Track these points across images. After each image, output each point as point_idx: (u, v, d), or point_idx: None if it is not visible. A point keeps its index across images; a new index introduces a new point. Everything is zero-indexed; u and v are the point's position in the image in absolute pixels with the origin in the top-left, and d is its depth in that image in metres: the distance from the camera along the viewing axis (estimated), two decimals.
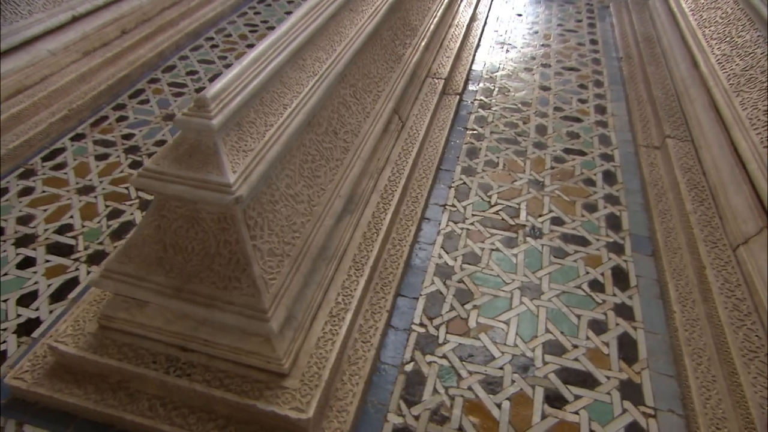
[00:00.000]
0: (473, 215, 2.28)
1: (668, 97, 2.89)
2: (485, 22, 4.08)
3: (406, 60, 2.59)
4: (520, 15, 4.31)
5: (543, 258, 2.08)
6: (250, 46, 3.68)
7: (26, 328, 1.75)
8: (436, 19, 3.12)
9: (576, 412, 1.56)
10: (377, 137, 2.11)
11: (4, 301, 1.83)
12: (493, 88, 3.26)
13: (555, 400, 1.59)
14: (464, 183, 2.47)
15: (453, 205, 2.34)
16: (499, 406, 1.57)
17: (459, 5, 3.86)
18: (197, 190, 1.29)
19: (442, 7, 3.29)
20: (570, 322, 1.83)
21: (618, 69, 3.50)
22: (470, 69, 3.41)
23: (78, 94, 2.87)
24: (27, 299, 1.84)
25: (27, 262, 1.98)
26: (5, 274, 1.92)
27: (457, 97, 3.03)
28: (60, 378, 1.51)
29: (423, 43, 2.83)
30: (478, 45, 3.73)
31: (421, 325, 1.81)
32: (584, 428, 1.52)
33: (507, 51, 3.73)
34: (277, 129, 1.49)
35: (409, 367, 1.67)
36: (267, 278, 1.38)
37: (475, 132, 2.85)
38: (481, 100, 3.14)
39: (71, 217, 2.20)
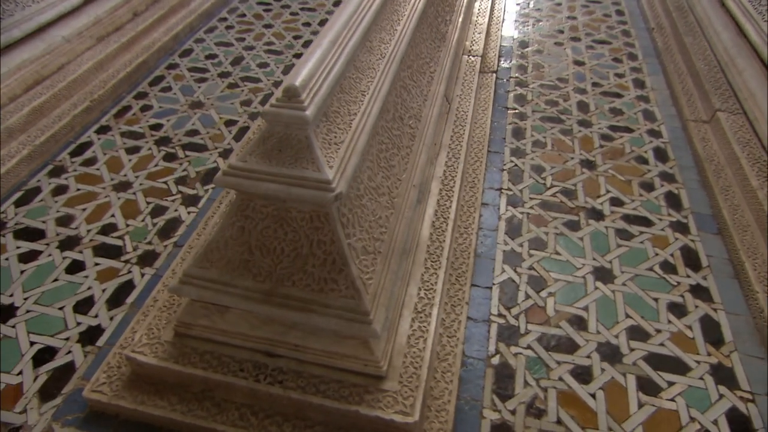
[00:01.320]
0: (531, 198, 2.22)
1: (711, 68, 2.82)
2: None
3: (449, 38, 2.47)
4: None
5: (609, 240, 2.03)
6: (267, 26, 3.51)
7: (89, 336, 1.66)
8: None
9: (672, 399, 1.53)
10: (436, 121, 2.02)
11: (60, 308, 1.73)
12: (526, 64, 3.16)
13: (648, 387, 1.56)
14: (516, 165, 2.39)
15: (509, 189, 2.26)
16: (593, 396, 1.54)
17: None
18: (293, 188, 1.20)
19: None
20: (648, 306, 1.79)
21: (650, 40, 3.41)
22: (500, 45, 3.30)
23: (97, 84, 2.71)
24: (83, 306, 1.74)
25: (76, 266, 1.87)
26: (55, 280, 1.82)
27: (494, 75, 2.93)
28: (140, 389, 1.43)
29: (460, 19, 2.70)
30: (503, 19, 3.61)
31: (500, 315, 1.75)
32: (683, 415, 1.49)
33: (533, 24, 3.61)
34: (360, 117, 1.39)
35: (495, 360, 1.62)
36: (365, 278, 1.30)
37: (516, 111, 2.76)
38: (516, 77, 3.03)
39: (113, 216, 2.09)
